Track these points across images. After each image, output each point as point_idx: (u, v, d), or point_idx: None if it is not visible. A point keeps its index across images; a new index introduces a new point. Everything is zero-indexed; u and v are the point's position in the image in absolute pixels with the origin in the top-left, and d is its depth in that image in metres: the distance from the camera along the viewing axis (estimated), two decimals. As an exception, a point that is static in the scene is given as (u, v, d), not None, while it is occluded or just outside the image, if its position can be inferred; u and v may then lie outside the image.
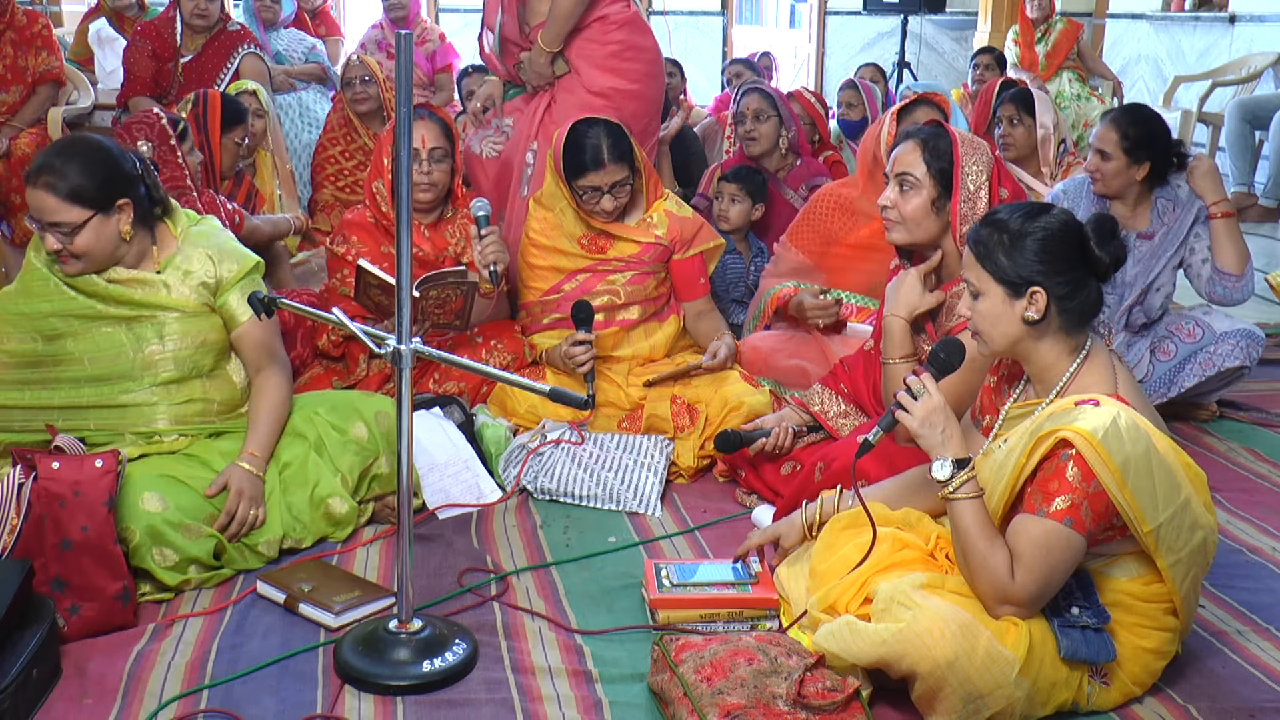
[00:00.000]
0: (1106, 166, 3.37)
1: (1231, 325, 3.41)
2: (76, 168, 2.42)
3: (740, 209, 4.04)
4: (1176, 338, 3.45)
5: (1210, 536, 2.01)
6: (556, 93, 3.75)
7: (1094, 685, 2.02)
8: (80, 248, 2.44)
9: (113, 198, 2.46)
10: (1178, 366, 3.42)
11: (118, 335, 2.52)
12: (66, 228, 2.42)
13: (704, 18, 10.70)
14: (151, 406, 2.55)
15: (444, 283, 3.02)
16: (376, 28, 6.44)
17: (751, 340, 3.48)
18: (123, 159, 2.51)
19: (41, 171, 2.42)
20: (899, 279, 2.68)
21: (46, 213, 2.42)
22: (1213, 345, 3.38)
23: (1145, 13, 8.95)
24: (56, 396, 2.52)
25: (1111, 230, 2.04)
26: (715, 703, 1.87)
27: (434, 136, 3.24)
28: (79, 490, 2.22)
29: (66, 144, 2.54)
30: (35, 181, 2.42)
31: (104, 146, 2.51)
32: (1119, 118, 3.41)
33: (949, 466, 2.00)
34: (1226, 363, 3.36)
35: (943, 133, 2.61)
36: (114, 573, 2.24)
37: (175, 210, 2.66)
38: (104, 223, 2.45)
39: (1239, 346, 3.36)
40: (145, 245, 2.57)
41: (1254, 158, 6.84)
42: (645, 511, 2.86)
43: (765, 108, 4.28)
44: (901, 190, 2.59)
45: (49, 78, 4.99)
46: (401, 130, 1.94)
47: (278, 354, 2.70)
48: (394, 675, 2.10)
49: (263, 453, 2.58)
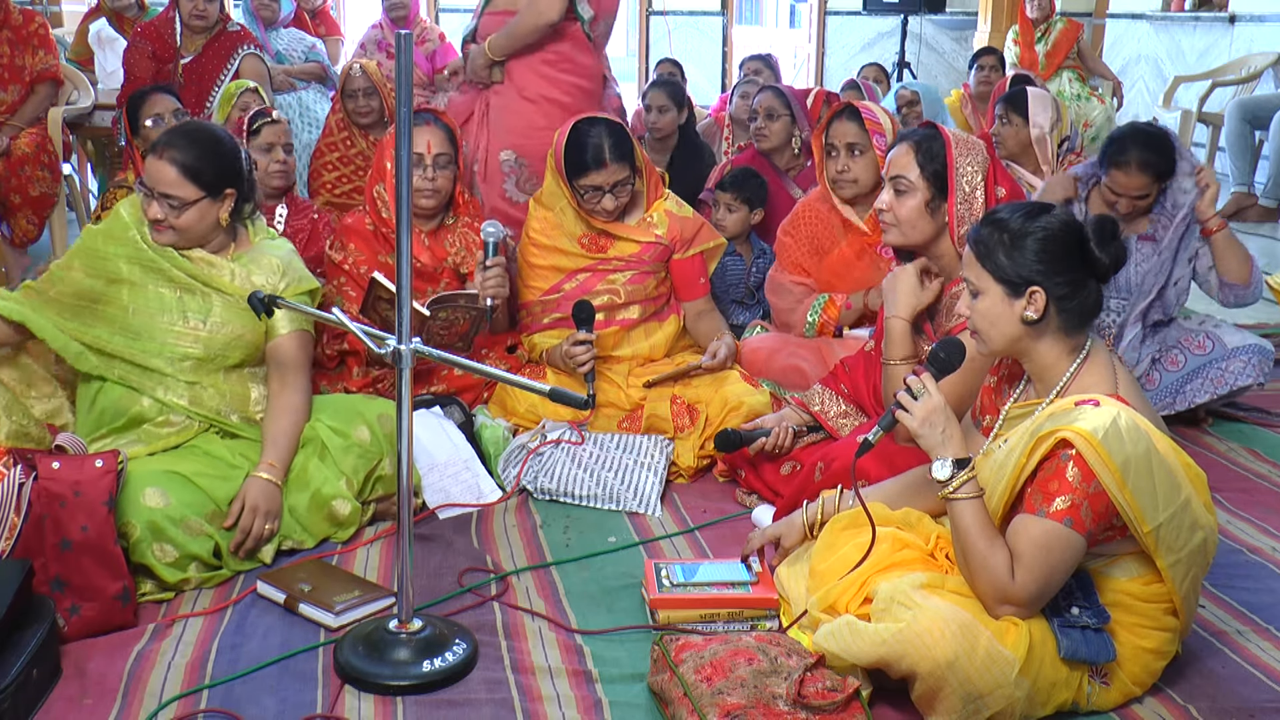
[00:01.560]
0: (1140, 202, 3.35)
1: (1242, 340, 3.38)
2: (200, 150, 2.58)
3: (736, 217, 4.05)
4: (1186, 349, 3.41)
5: (1210, 536, 2.01)
6: (491, 97, 3.83)
7: (1094, 685, 2.02)
8: (182, 223, 2.58)
9: (223, 185, 2.61)
10: (1185, 379, 3.40)
11: (168, 298, 2.62)
12: (176, 201, 2.56)
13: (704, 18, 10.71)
14: (168, 377, 2.60)
15: (455, 305, 3.02)
16: (376, 27, 6.43)
17: (751, 341, 3.49)
18: (238, 154, 2.69)
19: (169, 145, 2.57)
20: (894, 277, 2.68)
21: (163, 184, 2.55)
22: (1223, 361, 3.36)
23: (1145, 13, 8.95)
24: (89, 334, 2.60)
25: (1112, 231, 2.04)
26: (715, 703, 1.87)
27: (439, 142, 3.24)
28: (79, 490, 2.22)
29: (195, 126, 2.77)
30: (161, 153, 2.57)
31: (227, 138, 2.70)
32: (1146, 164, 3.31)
33: (949, 466, 2.00)
34: (1238, 381, 3.34)
35: (936, 134, 2.62)
36: (114, 573, 2.24)
37: (259, 218, 2.80)
38: (209, 206, 2.60)
39: (1250, 364, 3.34)
40: (227, 240, 2.70)
41: (1254, 158, 6.84)
42: (645, 511, 2.86)
43: (778, 106, 4.35)
44: (896, 193, 2.60)
45: (47, 76, 4.99)
46: (402, 130, 1.94)
47: (305, 374, 2.73)
48: (394, 675, 2.10)
49: (281, 465, 2.60)
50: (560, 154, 3.20)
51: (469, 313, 3.05)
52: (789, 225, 3.54)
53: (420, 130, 3.20)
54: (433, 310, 2.96)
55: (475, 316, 3.06)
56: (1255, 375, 3.34)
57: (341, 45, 7.26)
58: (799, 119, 4.38)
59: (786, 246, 3.53)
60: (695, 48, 10.48)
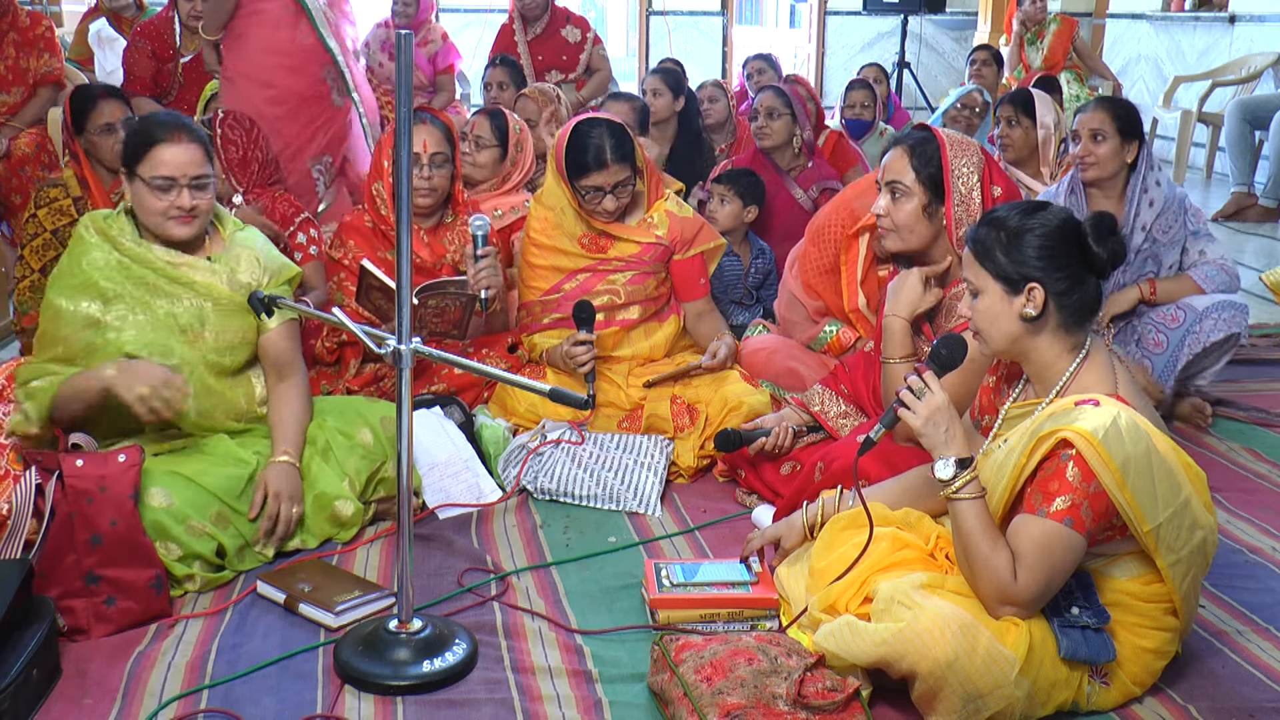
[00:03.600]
0: (1102, 149, 3.38)
1: (1211, 300, 3.40)
2: (198, 132, 2.60)
3: (729, 210, 4.06)
4: (1162, 326, 3.43)
5: (1210, 536, 2.01)
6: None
7: (1094, 685, 2.02)
8: (205, 205, 2.57)
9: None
10: (1172, 355, 3.42)
11: (160, 313, 2.56)
12: (204, 180, 2.55)
13: (704, 18, 10.71)
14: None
15: (443, 292, 3.02)
16: (381, 26, 6.42)
17: (751, 341, 3.48)
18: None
19: (181, 128, 2.55)
20: (900, 279, 2.68)
21: (194, 166, 2.53)
22: (1197, 325, 3.38)
23: (1145, 13, 8.95)
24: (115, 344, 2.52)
25: (1110, 227, 2.04)
26: (715, 703, 1.87)
27: (435, 141, 3.25)
28: (105, 485, 2.26)
29: (173, 114, 2.73)
30: (178, 137, 2.53)
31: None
32: (1104, 101, 3.45)
33: (952, 466, 2.00)
34: (1211, 337, 3.35)
35: (930, 137, 2.62)
36: (146, 562, 2.29)
37: (227, 213, 2.78)
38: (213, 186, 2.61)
39: (1221, 319, 3.35)
40: (202, 238, 2.66)
41: (1254, 158, 6.84)
42: (645, 511, 2.86)
43: (779, 106, 4.40)
44: (893, 198, 2.61)
45: (50, 79, 5.00)
46: (401, 132, 1.94)
47: (300, 363, 2.75)
48: (394, 675, 2.10)
49: (295, 449, 2.63)
50: (561, 154, 3.20)
51: (459, 300, 3.06)
52: (816, 233, 3.36)
53: (416, 129, 3.21)
54: (422, 298, 2.97)
55: (467, 303, 3.07)
56: (1228, 326, 3.35)
57: (341, 44, 7.23)
58: (800, 119, 4.41)
59: (809, 257, 3.37)
60: (695, 48, 10.49)
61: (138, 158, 2.53)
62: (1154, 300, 3.43)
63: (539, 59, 6.12)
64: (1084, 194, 3.48)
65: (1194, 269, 3.46)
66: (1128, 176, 3.43)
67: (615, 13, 15.31)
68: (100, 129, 3.53)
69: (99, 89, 3.71)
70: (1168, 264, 3.45)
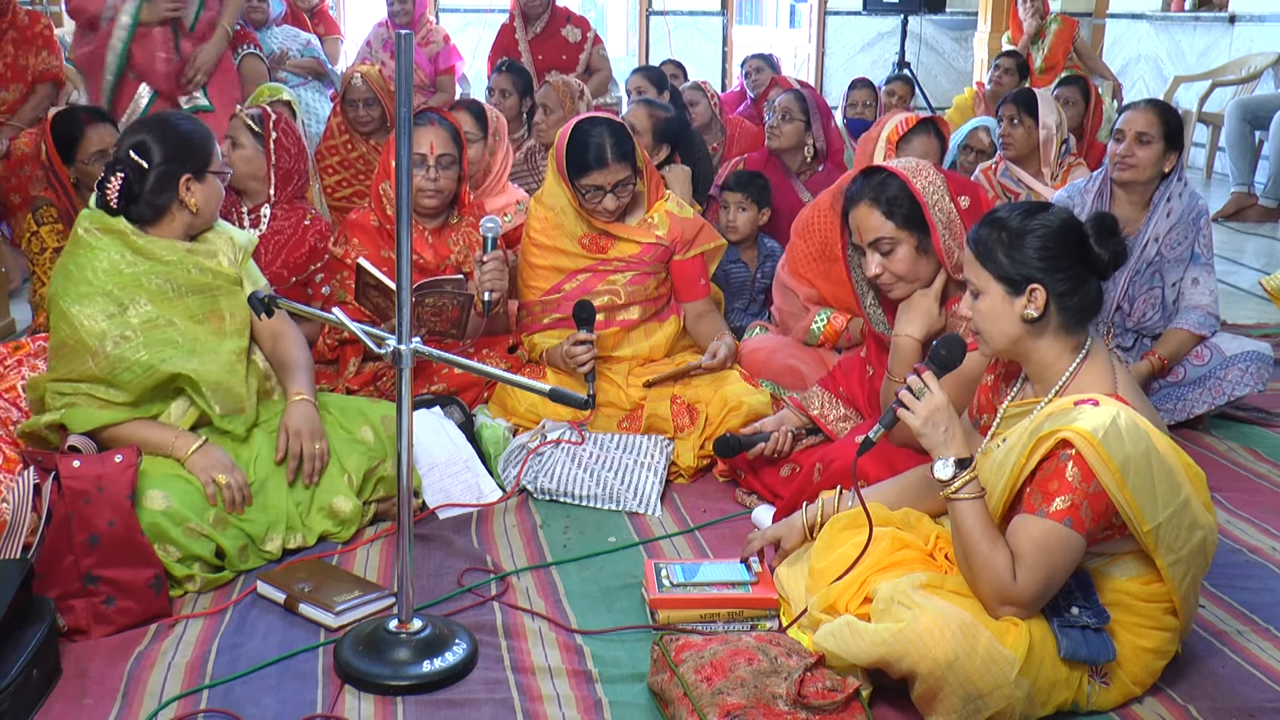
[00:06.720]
0: (1144, 152, 3.31)
1: (1240, 347, 3.38)
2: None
3: (747, 216, 4.06)
4: (1185, 360, 3.40)
5: (1210, 536, 2.01)
6: None
7: (1094, 685, 2.02)
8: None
9: None
10: (1185, 389, 3.40)
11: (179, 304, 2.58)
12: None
13: (704, 18, 10.72)
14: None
15: (440, 291, 3.03)
16: (382, 26, 6.41)
17: (751, 341, 3.49)
18: None
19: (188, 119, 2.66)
20: (914, 299, 2.64)
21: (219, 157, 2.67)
22: (1222, 370, 3.35)
23: (1145, 13, 8.96)
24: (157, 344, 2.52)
25: (1111, 228, 2.03)
26: (715, 703, 1.87)
27: (443, 143, 3.25)
28: (102, 486, 2.27)
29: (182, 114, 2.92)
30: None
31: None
32: (1155, 104, 3.37)
33: (951, 466, 2.00)
34: (1236, 390, 3.34)
35: (887, 178, 2.57)
36: (144, 562, 2.29)
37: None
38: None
39: (1248, 372, 3.34)
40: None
41: (1254, 158, 6.84)
42: (645, 511, 2.86)
43: (795, 110, 4.47)
44: (884, 255, 2.58)
45: (48, 77, 4.99)
46: (402, 131, 1.94)
47: (289, 319, 2.78)
48: (394, 675, 2.10)
49: (307, 388, 2.67)
50: (562, 154, 3.20)
51: (457, 299, 3.06)
52: (801, 228, 3.50)
53: (424, 130, 3.21)
54: (418, 296, 2.97)
55: (464, 302, 3.07)
56: (1254, 383, 3.34)
57: (340, 44, 7.26)
58: (814, 127, 4.47)
59: (797, 249, 3.49)
60: (695, 48, 10.49)
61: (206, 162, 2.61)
62: (1166, 370, 3.38)
63: (539, 58, 6.13)
64: (1109, 194, 3.44)
65: (1185, 316, 3.39)
66: (1158, 184, 3.38)
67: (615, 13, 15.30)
68: (93, 157, 3.46)
69: (82, 113, 3.61)
70: (1170, 282, 3.40)
